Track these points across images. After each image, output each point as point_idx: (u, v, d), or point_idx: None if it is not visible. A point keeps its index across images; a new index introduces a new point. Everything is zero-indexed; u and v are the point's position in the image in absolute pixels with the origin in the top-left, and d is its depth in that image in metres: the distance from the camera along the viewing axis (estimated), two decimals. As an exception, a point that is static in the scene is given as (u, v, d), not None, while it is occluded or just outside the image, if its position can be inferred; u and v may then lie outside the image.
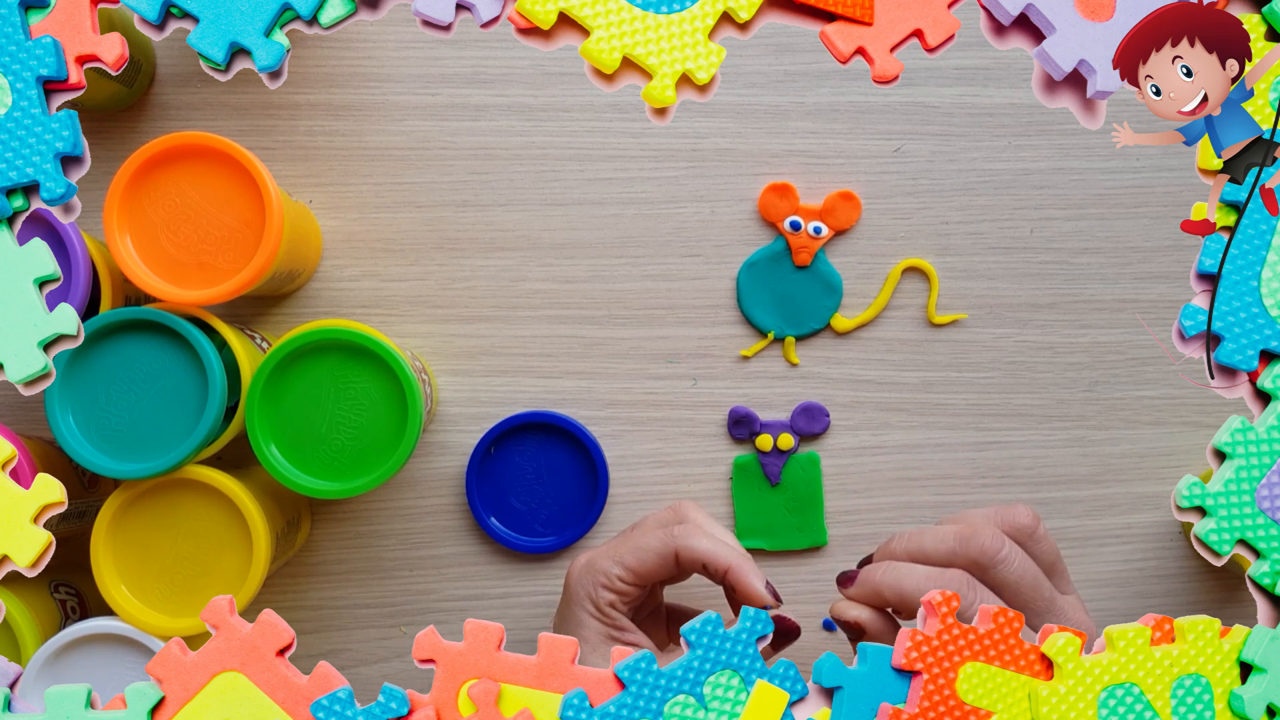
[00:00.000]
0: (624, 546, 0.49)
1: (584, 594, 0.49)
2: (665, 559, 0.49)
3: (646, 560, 0.49)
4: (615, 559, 0.49)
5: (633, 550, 0.49)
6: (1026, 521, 0.47)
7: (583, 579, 0.49)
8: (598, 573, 0.49)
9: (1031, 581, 0.46)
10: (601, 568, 0.49)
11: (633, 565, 0.49)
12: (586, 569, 0.49)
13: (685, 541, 0.49)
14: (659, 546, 0.49)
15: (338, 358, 0.50)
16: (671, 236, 0.59)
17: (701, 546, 0.48)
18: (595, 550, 0.51)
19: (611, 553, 0.49)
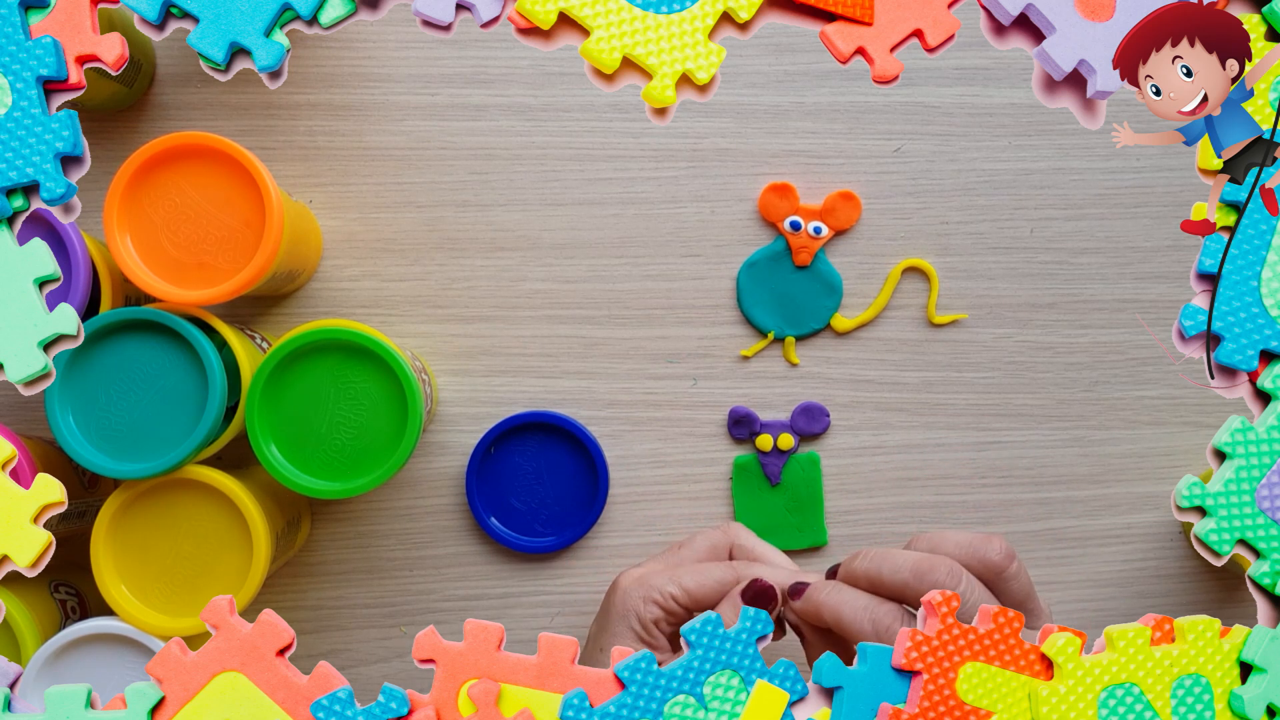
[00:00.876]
0: (683, 568, 0.49)
1: (630, 608, 0.48)
2: (725, 588, 0.48)
3: (705, 584, 0.48)
4: (673, 579, 0.48)
5: (693, 573, 0.49)
6: (997, 560, 0.45)
7: (631, 593, 0.49)
8: (650, 588, 0.48)
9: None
10: (656, 584, 0.48)
11: (691, 588, 0.48)
12: (638, 583, 0.49)
13: (749, 572, 0.48)
14: (722, 575, 0.48)
15: (338, 358, 0.50)
16: (671, 236, 0.59)
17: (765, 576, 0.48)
18: (647, 567, 0.50)
19: (668, 571, 0.49)
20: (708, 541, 0.51)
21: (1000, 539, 0.46)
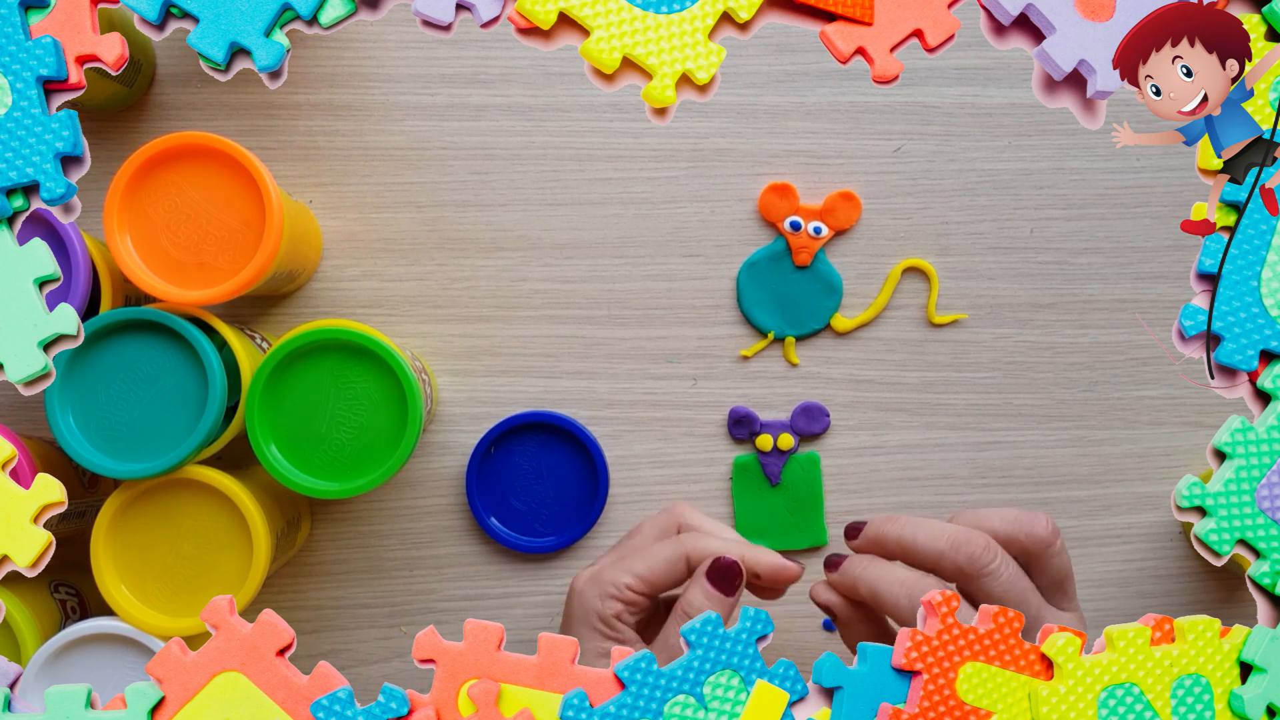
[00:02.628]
0: (631, 556, 0.49)
1: (589, 609, 0.48)
2: (675, 565, 0.48)
3: (657, 567, 0.48)
4: (622, 569, 0.48)
5: (641, 558, 0.48)
6: (1044, 534, 0.46)
7: (587, 593, 0.48)
8: (605, 584, 0.48)
9: (1017, 598, 0.45)
10: (609, 579, 0.48)
11: (643, 573, 0.48)
12: (592, 582, 0.49)
13: (695, 545, 0.49)
14: (669, 554, 0.48)
15: (338, 358, 0.50)
16: (671, 236, 0.59)
17: (713, 547, 0.48)
18: (597, 565, 0.50)
19: (617, 564, 0.49)
20: (654, 527, 0.51)
21: (1047, 516, 0.46)
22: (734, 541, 0.49)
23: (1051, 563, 0.46)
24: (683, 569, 0.49)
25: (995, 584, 0.44)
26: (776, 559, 0.49)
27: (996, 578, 0.44)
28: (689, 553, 0.48)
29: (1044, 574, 0.46)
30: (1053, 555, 0.46)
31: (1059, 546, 0.46)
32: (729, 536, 0.50)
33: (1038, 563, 0.46)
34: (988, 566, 0.45)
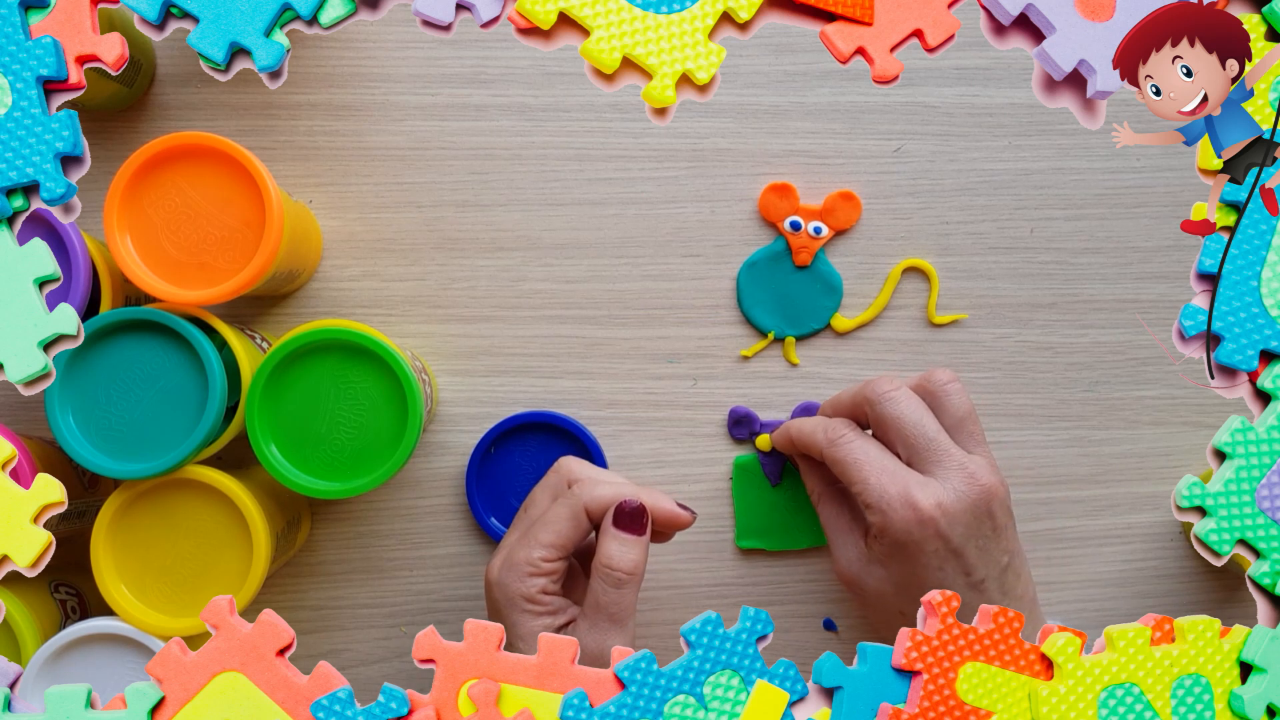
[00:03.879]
0: (532, 529, 0.50)
1: (513, 594, 0.49)
2: (577, 520, 0.49)
3: (562, 530, 0.49)
4: (530, 544, 0.49)
5: (544, 526, 0.49)
6: (940, 377, 0.51)
7: (505, 580, 0.49)
8: (518, 565, 0.49)
9: (913, 420, 0.50)
10: (521, 558, 0.49)
11: (550, 540, 0.49)
12: (505, 567, 0.49)
13: (589, 494, 0.49)
14: (566, 512, 0.49)
15: (338, 358, 0.50)
16: (671, 236, 0.59)
17: (606, 493, 0.49)
18: (501, 552, 0.50)
19: (523, 541, 0.49)
20: (546, 492, 0.52)
21: (948, 368, 0.53)
22: (622, 483, 0.50)
23: (951, 401, 0.51)
24: (585, 522, 0.49)
25: (891, 407, 0.50)
26: (669, 504, 0.50)
27: (893, 403, 0.50)
28: (586, 504, 0.49)
29: (945, 413, 0.51)
30: (952, 394, 0.51)
31: (958, 387, 0.51)
32: (616, 480, 0.51)
33: (939, 403, 0.51)
34: (888, 393, 0.51)
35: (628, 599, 0.48)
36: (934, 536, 0.48)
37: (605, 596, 0.48)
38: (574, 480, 0.51)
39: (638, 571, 0.48)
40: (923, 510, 0.48)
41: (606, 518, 0.49)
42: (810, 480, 0.56)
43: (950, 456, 0.49)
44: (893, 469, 0.49)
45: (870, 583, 0.51)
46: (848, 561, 0.52)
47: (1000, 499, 0.49)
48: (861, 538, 0.52)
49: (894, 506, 0.48)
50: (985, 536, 0.48)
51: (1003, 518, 0.49)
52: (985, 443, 0.51)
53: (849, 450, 0.51)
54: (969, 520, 0.48)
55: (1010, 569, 0.49)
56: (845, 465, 0.50)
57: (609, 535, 0.49)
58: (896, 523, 0.48)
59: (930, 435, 0.50)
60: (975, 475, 0.49)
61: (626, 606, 0.48)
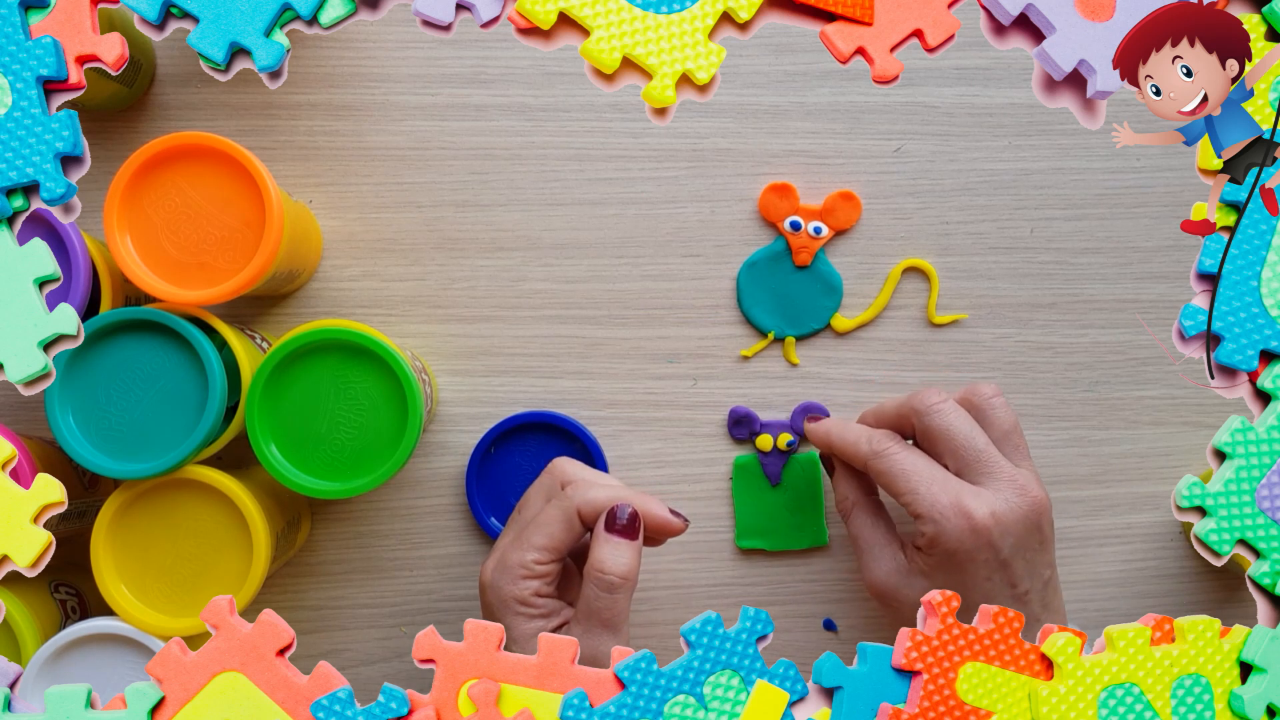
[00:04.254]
0: (525, 532, 0.49)
1: (506, 596, 0.48)
2: (570, 523, 0.49)
3: (555, 533, 0.49)
4: (523, 546, 0.49)
5: (536, 529, 0.49)
6: (985, 390, 0.52)
7: (498, 582, 0.49)
8: (512, 568, 0.49)
9: (964, 431, 0.50)
10: (514, 560, 0.49)
11: (543, 543, 0.49)
12: (499, 570, 0.49)
13: (582, 497, 0.49)
14: (559, 515, 0.49)
15: (338, 358, 0.50)
16: (671, 236, 0.59)
17: (598, 496, 0.49)
18: (495, 554, 0.50)
19: (516, 543, 0.49)
20: (540, 494, 0.52)
21: (993, 382, 0.54)
22: (616, 486, 0.50)
23: (997, 414, 0.51)
24: (578, 525, 0.49)
25: (939, 419, 0.50)
26: (662, 510, 0.50)
27: (941, 414, 0.50)
28: (578, 507, 0.49)
29: (991, 426, 0.51)
30: (997, 408, 0.51)
31: (1000, 401, 0.52)
32: (609, 483, 0.51)
33: (985, 416, 0.51)
34: (936, 404, 0.51)
35: (620, 604, 0.48)
36: (986, 546, 0.47)
37: (598, 601, 0.48)
38: (567, 482, 0.51)
39: (630, 576, 0.48)
40: (977, 520, 0.47)
41: (599, 522, 0.49)
42: (844, 488, 0.55)
43: (1001, 468, 0.49)
44: (943, 479, 0.49)
45: (910, 594, 0.50)
46: (885, 574, 0.51)
47: (1048, 513, 0.49)
48: (900, 549, 0.52)
49: (947, 516, 0.48)
50: (1033, 549, 0.48)
51: (1048, 531, 0.49)
52: (1030, 457, 0.51)
53: (896, 461, 0.50)
54: (1020, 532, 0.48)
55: (1051, 584, 0.49)
56: (893, 476, 0.50)
57: (601, 540, 0.49)
58: (950, 532, 0.48)
59: (980, 447, 0.49)
60: (1026, 487, 0.48)
61: (619, 611, 0.48)
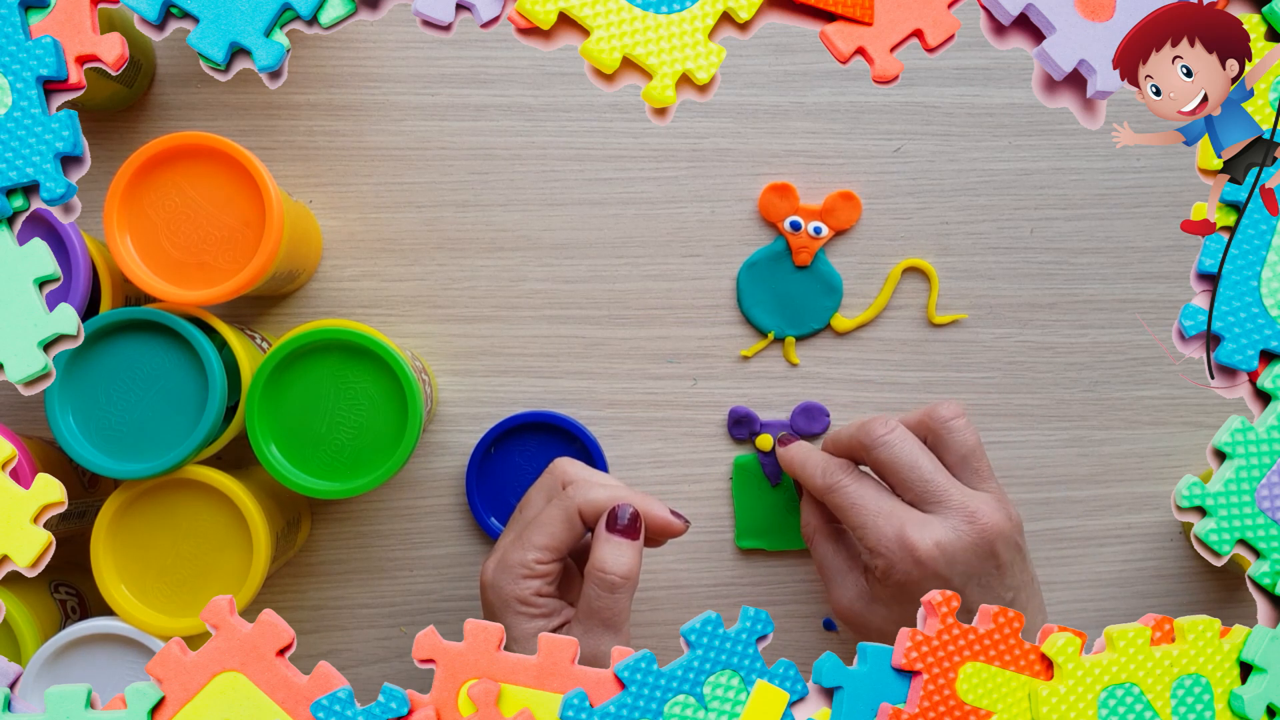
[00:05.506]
0: (526, 531, 0.49)
1: (507, 595, 0.48)
2: (571, 523, 0.49)
3: (556, 532, 0.49)
4: (524, 546, 0.49)
5: (537, 528, 0.49)
6: (943, 413, 0.51)
7: (499, 582, 0.49)
8: (513, 567, 0.49)
9: (908, 462, 0.49)
10: (516, 560, 0.49)
11: (544, 543, 0.49)
12: (500, 570, 0.49)
13: (583, 497, 0.49)
14: (560, 515, 0.49)
15: (338, 358, 0.50)
16: (671, 236, 0.59)
17: (600, 496, 0.49)
18: (496, 553, 0.50)
19: (517, 543, 0.49)
20: (540, 493, 0.52)
21: (953, 401, 0.52)
22: (617, 486, 0.50)
23: (954, 438, 0.50)
24: (579, 524, 0.49)
25: (886, 452, 0.50)
26: (663, 510, 0.50)
27: (888, 447, 0.50)
28: (580, 506, 0.49)
29: (949, 450, 0.50)
30: (955, 431, 0.50)
31: (963, 423, 0.50)
32: (610, 483, 0.51)
33: (941, 440, 0.50)
34: (879, 436, 0.50)
35: (621, 604, 0.48)
36: (933, 577, 0.47)
37: (599, 601, 0.48)
38: (568, 482, 0.51)
39: (631, 576, 0.48)
40: (920, 552, 0.47)
41: (600, 522, 0.49)
42: (806, 514, 0.55)
43: (949, 495, 0.48)
44: (889, 510, 0.49)
45: (874, 621, 0.50)
46: (849, 600, 0.51)
47: (1005, 535, 0.48)
48: (861, 575, 0.52)
49: (893, 549, 0.48)
50: (988, 574, 0.48)
51: (1007, 554, 0.48)
52: (993, 477, 0.50)
53: (846, 494, 0.50)
54: (969, 559, 0.47)
55: (1016, 602, 0.49)
56: (843, 510, 0.50)
57: (602, 540, 0.49)
58: (897, 565, 0.48)
59: (926, 476, 0.49)
60: (976, 514, 0.48)
61: (620, 611, 0.48)
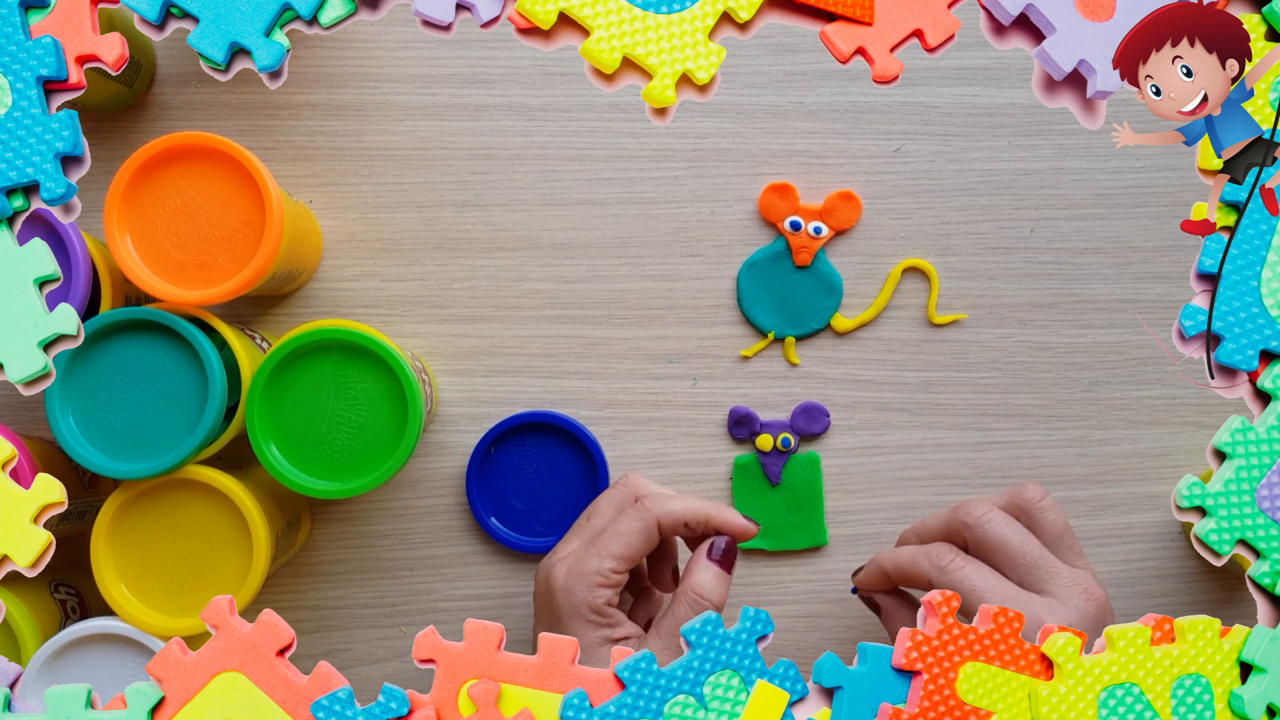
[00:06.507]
0: (604, 538, 0.49)
1: (580, 603, 0.48)
2: (648, 533, 0.49)
3: (633, 542, 0.49)
4: (600, 554, 0.49)
5: (614, 538, 0.49)
6: (1032, 494, 0.50)
7: (572, 587, 0.48)
8: (588, 574, 0.48)
9: (1018, 540, 0.48)
10: (590, 567, 0.48)
11: (620, 552, 0.49)
12: (573, 575, 0.49)
13: (663, 508, 0.49)
14: (638, 524, 0.49)
15: (338, 358, 0.50)
16: (671, 236, 0.59)
17: (678, 507, 0.50)
18: (568, 557, 0.50)
19: (592, 550, 0.49)
20: (612, 503, 0.52)
21: (1035, 483, 0.51)
22: (693, 499, 0.50)
23: (1046, 517, 0.50)
24: (656, 536, 0.49)
25: (990, 530, 0.49)
26: (739, 519, 0.51)
27: (991, 525, 0.49)
28: (659, 519, 0.49)
29: (1042, 530, 0.49)
30: (1047, 510, 0.50)
31: (1048, 504, 0.50)
32: (685, 496, 0.51)
33: (1035, 520, 0.50)
34: (981, 516, 0.49)
35: None
36: None
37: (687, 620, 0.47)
38: (642, 495, 0.51)
39: (723, 605, 0.49)
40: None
41: (701, 548, 0.50)
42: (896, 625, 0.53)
43: (1061, 573, 0.48)
44: (1014, 595, 0.47)
45: None
46: None
47: (1109, 608, 0.48)
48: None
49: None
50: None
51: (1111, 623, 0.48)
52: (1083, 554, 0.50)
53: (964, 578, 0.48)
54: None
55: None
56: (963, 595, 0.48)
57: (703, 565, 0.49)
58: None
59: (1036, 555, 0.48)
60: (1090, 590, 0.47)
61: None
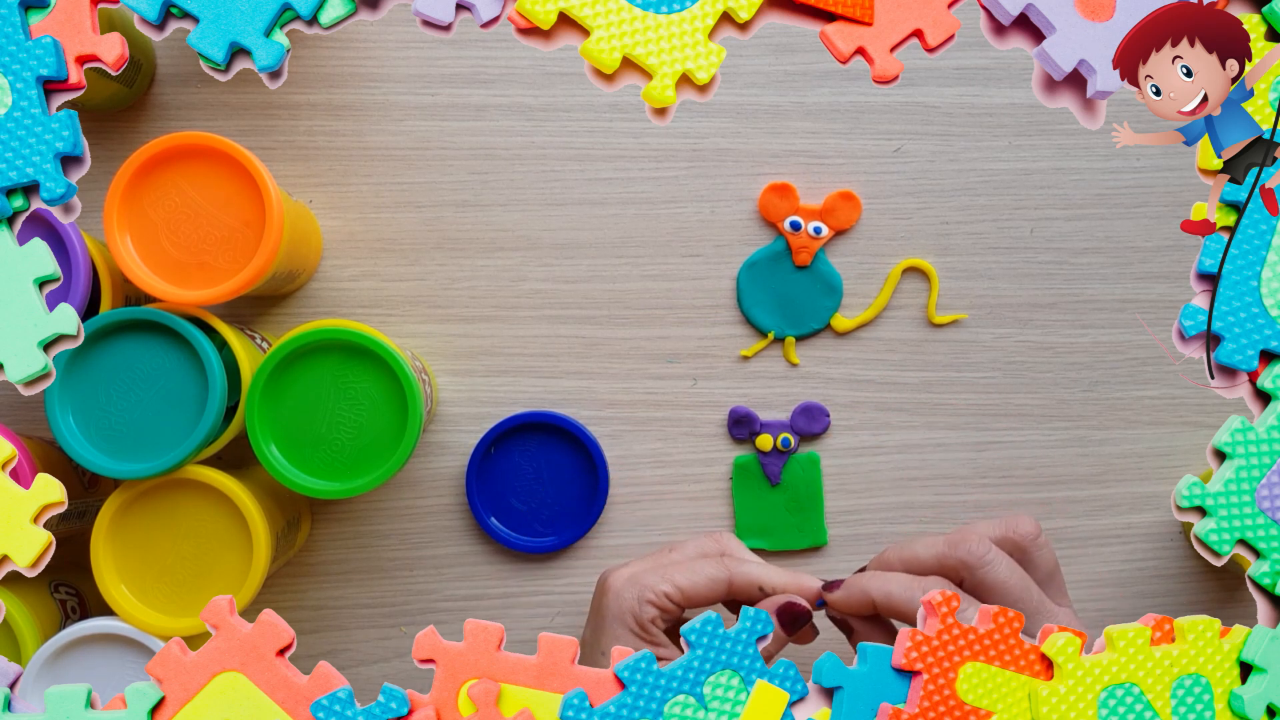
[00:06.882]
0: (675, 567, 0.49)
1: (625, 608, 0.48)
2: (716, 585, 0.49)
3: (699, 584, 0.49)
4: (665, 577, 0.49)
5: (683, 570, 0.49)
6: (1028, 529, 0.48)
7: (625, 594, 0.49)
8: (644, 588, 0.48)
9: (1019, 584, 0.46)
10: (649, 583, 0.48)
11: (684, 585, 0.48)
12: (630, 583, 0.49)
13: (741, 570, 0.49)
14: (713, 573, 0.49)
15: (338, 358, 0.50)
16: (671, 236, 0.59)
17: (756, 572, 0.49)
18: (636, 566, 0.50)
19: (659, 570, 0.49)
20: (698, 547, 0.51)
21: (1028, 516, 0.49)
22: (775, 569, 0.50)
23: (1040, 554, 0.48)
24: (723, 591, 0.49)
25: (994, 573, 0.46)
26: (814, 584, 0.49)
27: (995, 567, 0.46)
28: (734, 577, 0.49)
29: (1035, 568, 0.48)
30: (1040, 547, 0.48)
31: (1045, 539, 0.48)
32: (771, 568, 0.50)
33: (1028, 557, 0.48)
34: (984, 557, 0.46)
35: None
36: None
37: None
38: (727, 552, 0.51)
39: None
40: None
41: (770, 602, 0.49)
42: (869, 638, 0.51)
43: (1056, 619, 0.47)
44: None
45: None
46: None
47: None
48: None
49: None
50: None
51: None
52: (1066, 592, 0.49)
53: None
54: None
55: None
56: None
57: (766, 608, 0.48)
58: None
59: (1036, 602, 0.47)
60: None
61: None
